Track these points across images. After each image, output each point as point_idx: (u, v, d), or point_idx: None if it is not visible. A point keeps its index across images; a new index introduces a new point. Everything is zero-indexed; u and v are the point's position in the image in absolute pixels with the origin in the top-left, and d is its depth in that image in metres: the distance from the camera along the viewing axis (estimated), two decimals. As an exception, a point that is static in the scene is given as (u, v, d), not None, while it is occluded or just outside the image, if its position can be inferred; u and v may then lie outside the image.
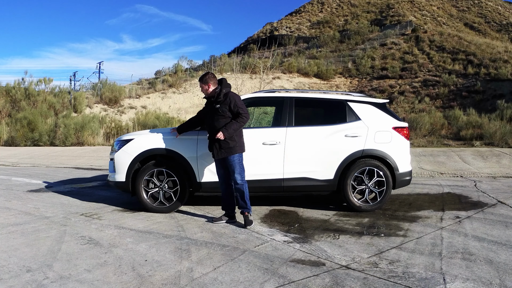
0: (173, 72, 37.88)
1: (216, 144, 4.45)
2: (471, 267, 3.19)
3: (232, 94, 4.48)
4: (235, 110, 4.39)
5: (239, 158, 4.46)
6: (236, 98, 4.45)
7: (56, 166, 10.59)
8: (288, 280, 2.96)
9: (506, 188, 6.85)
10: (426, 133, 15.87)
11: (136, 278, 3.00)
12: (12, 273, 3.06)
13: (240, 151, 4.48)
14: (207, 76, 4.56)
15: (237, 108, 4.38)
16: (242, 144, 4.54)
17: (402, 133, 5.24)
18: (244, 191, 4.45)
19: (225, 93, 4.46)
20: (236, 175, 4.43)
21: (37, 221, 4.60)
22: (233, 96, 4.45)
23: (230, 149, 4.42)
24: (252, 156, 4.97)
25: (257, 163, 4.98)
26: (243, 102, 4.51)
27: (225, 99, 4.42)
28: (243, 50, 51.78)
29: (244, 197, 4.45)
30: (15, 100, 20.55)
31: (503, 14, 69.32)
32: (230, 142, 4.39)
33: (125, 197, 6.00)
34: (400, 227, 4.39)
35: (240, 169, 4.46)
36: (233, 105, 4.39)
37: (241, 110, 4.39)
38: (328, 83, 35.94)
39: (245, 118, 4.41)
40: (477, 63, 32.61)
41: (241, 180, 4.43)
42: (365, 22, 54.03)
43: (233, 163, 4.44)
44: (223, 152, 4.44)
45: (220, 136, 4.34)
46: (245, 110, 4.44)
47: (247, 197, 4.46)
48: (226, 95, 4.44)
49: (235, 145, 4.42)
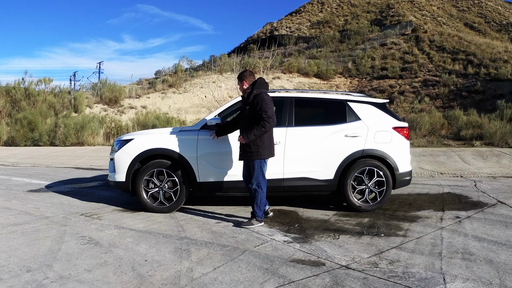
0: (173, 72, 37.88)
1: (240, 146, 4.41)
2: (471, 267, 3.19)
3: (262, 96, 4.27)
4: (259, 114, 4.20)
5: (258, 164, 4.32)
6: (263, 101, 4.23)
7: (56, 166, 10.59)
8: (288, 280, 2.96)
9: (506, 188, 6.85)
10: (426, 133, 15.87)
11: (136, 278, 3.00)
12: (12, 273, 3.06)
13: (261, 158, 4.31)
14: (243, 74, 4.47)
15: (261, 112, 4.19)
16: (268, 150, 4.35)
17: (402, 133, 5.24)
18: (256, 197, 4.35)
19: (255, 94, 4.30)
20: (252, 180, 4.36)
21: (37, 221, 4.60)
22: (262, 99, 4.24)
23: (251, 153, 4.31)
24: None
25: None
26: (271, 106, 4.25)
27: (253, 100, 4.28)
28: (243, 50, 51.81)
29: (255, 202, 4.36)
30: (15, 100, 20.54)
31: (503, 14, 69.32)
32: (252, 146, 4.28)
33: (125, 197, 6.00)
34: (400, 227, 4.39)
35: (257, 175, 4.33)
36: (258, 108, 4.22)
37: (264, 115, 4.16)
38: (328, 83, 35.93)
39: (267, 123, 4.17)
40: (477, 63, 32.61)
41: (256, 186, 4.33)
42: (365, 22, 54.06)
43: (252, 168, 4.37)
44: (243, 156, 4.40)
45: (240, 140, 4.31)
46: (270, 114, 4.18)
47: (258, 203, 4.35)
48: (256, 96, 4.29)
49: (256, 151, 4.28)
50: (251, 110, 4.30)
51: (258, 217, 4.40)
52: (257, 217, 4.39)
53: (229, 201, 5.70)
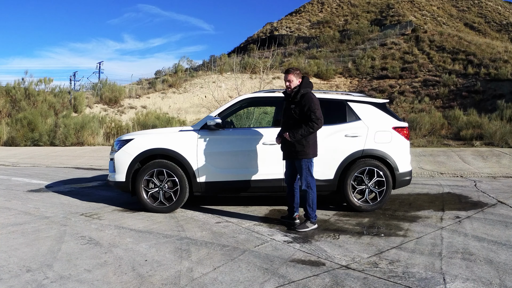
0: (173, 72, 37.89)
1: (284, 145, 4.38)
2: (471, 267, 3.19)
3: (309, 96, 4.25)
4: (308, 114, 4.18)
5: (306, 164, 4.28)
6: (312, 101, 4.20)
7: (56, 166, 10.59)
8: (288, 280, 2.96)
9: (506, 188, 6.85)
10: (426, 133, 15.88)
11: (136, 278, 3.00)
12: (12, 273, 3.06)
13: (308, 157, 4.28)
14: (291, 71, 4.43)
15: (309, 113, 4.16)
16: (312, 150, 4.30)
17: (402, 133, 5.24)
18: (307, 198, 4.29)
19: (302, 93, 4.27)
20: (302, 180, 4.31)
21: (37, 221, 4.60)
22: (310, 99, 4.22)
23: (296, 153, 4.27)
24: (252, 156, 4.98)
25: (257, 163, 4.98)
26: (319, 107, 4.22)
27: (301, 100, 4.25)
28: (243, 50, 51.81)
29: (307, 203, 4.30)
30: (15, 100, 20.54)
31: (503, 14, 69.32)
32: (297, 146, 4.24)
33: (125, 197, 6.00)
34: (400, 227, 4.39)
35: (306, 175, 4.28)
36: (306, 108, 4.19)
37: (313, 116, 4.14)
38: (328, 83, 35.93)
39: (315, 124, 4.15)
40: (477, 63, 32.61)
41: (306, 186, 4.28)
42: (365, 22, 54.06)
43: (299, 168, 4.32)
44: (288, 156, 4.38)
45: (286, 137, 4.25)
46: (318, 115, 4.16)
47: (310, 204, 4.30)
48: (303, 96, 4.26)
49: (302, 150, 4.24)
50: (297, 109, 4.27)
51: (312, 219, 4.31)
52: (311, 218, 4.31)
53: (229, 201, 5.70)
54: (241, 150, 5.02)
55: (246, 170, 4.99)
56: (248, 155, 5.00)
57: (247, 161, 4.99)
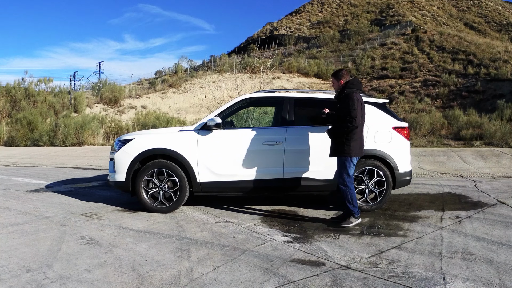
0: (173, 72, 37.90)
1: (331, 143, 4.53)
2: (471, 267, 3.19)
3: (351, 97, 4.32)
4: (345, 113, 4.28)
5: (345, 161, 4.37)
6: (350, 101, 4.29)
7: (56, 166, 10.59)
8: (288, 280, 2.96)
9: (506, 188, 6.85)
10: (426, 133, 15.88)
11: (136, 278, 2.99)
12: (12, 273, 3.06)
13: (347, 155, 4.34)
14: (340, 72, 4.56)
15: (347, 112, 4.27)
16: (351, 149, 4.34)
17: (402, 133, 5.24)
18: (346, 194, 4.37)
19: (345, 93, 4.38)
20: (340, 177, 4.42)
21: (37, 221, 4.60)
22: (350, 99, 4.31)
23: (337, 150, 4.40)
24: (252, 156, 4.98)
25: (257, 163, 4.98)
26: (357, 107, 4.28)
27: (344, 99, 4.36)
28: (243, 50, 51.80)
29: (346, 200, 4.39)
30: (15, 100, 20.54)
31: (503, 14, 69.31)
32: (339, 143, 4.37)
33: (125, 197, 6.00)
34: (400, 227, 4.39)
35: (342, 173, 4.38)
36: (345, 107, 4.30)
37: (348, 115, 4.25)
38: (328, 83, 35.88)
39: (350, 124, 4.24)
40: (477, 63, 32.61)
41: (343, 183, 4.38)
42: (365, 22, 54.05)
43: (338, 165, 4.43)
44: (331, 152, 4.50)
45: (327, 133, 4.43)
46: (353, 115, 4.23)
47: (349, 201, 4.38)
48: (346, 95, 4.37)
49: (341, 148, 4.35)
50: (340, 109, 4.40)
51: (355, 214, 4.41)
52: (354, 214, 4.41)
53: (229, 201, 5.70)
54: (241, 150, 5.02)
55: (246, 170, 4.99)
56: (248, 155, 4.99)
57: (247, 161, 4.99)
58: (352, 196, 4.40)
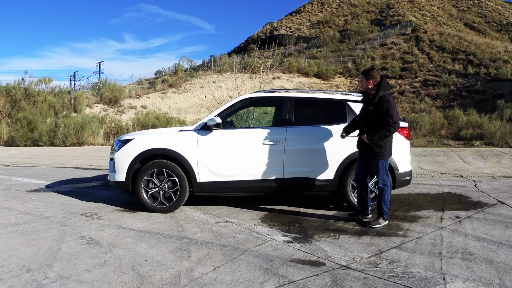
0: (173, 72, 37.87)
1: (361, 145, 4.51)
2: (471, 267, 3.19)
3: (387, 99, 4.29)
4: (385, 118, 4.26)
5: (383, 163, 4.41)
6: (390, 105, 4.26)
7: (56, 166, 10.59)
8: (288, 280, 2.96)
9: (506, 188, 6.85)
10: (426, 133, 15.88)
11: (136, 278, 2.99)
12: (12, 273, 3.06)
13: (385, 157, 4.41)
14: (370, 72, 4.46)
15: (387, 116, 4.24)
16: (389, 151, 4.44)
17: (402, 133, 5.24)
18: (383, 195, 4.42)
19: (380, 96, 4.33)
20: (379, 179, 4.45)
21: (37, 221, 4.60)
22: (387, 102, 4.27)
23: (374, 154, 4.40)
24: (252, 156, 4.98)
25: (257, 163, 4.98)
26: (396, 110, 4.32)
27: (379, 102, 4.32)
28: (243, 50, 51.82)
29: (382, 201, 4.42)
30: (15, 100, 20.55)
31: (503, 14, 69.32)
32: (375, 147, 4.37)
33: (125, 197, 6.00)
34: (400, 227, 4.39)
35: (383, 174, 4.42)
36: (384, 111, 4.27)
37: (390, 119, 4.23)
38: (328, 83, 35.94)
39: (392, 128, 4.25)
40: (477, 63, 32.62)
41: (383, 184, 4.41)
42: (365, 22, 54.05)
43: (375, 168, 4.45)
44: (366, 155, 4.48)
45: (364, 139, 4.38)
46: (396, 120, 4.25)
47: (385, 201, 4.42)
48: (381, 98, 4.32)
49: (379, 151, 4.37)
50: (375, 112, 4.35)
51: (385, 215, 4.45)
52: (384, 215, 4.44)
53: (229, 201, 5.70)
54: (241, 150, 5.02)
55: (246, 170, 4.99)
56: (248, 155, 4.99)
57: (247, 161, 4.99)
58: (388, 197, 4.46)
